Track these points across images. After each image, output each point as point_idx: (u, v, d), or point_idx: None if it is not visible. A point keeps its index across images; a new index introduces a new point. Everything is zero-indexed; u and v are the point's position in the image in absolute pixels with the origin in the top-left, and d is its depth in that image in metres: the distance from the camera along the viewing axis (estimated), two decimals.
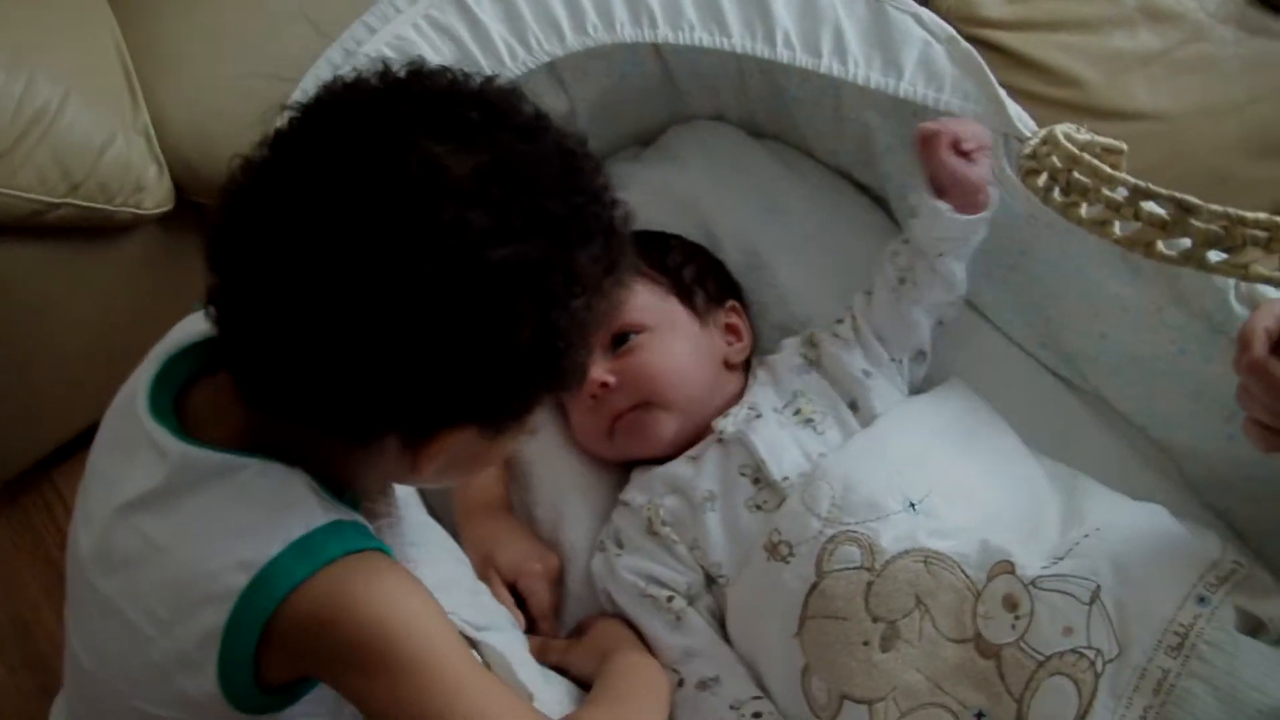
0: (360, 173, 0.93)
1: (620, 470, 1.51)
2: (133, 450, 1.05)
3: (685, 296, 1.49)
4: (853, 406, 1.43)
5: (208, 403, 1.08)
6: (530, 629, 1.39)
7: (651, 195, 1.63)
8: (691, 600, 1.39)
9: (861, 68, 1.43)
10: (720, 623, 1.40)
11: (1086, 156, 1.06)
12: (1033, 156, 1.13)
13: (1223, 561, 1.25)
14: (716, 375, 1.48)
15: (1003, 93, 1.41)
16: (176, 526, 1.02)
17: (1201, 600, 1.21)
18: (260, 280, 0.95)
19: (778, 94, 1.61)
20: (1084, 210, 1.07)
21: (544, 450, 1.51)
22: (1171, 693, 1.17)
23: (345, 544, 1.01)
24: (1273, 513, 1.39)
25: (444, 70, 1.02)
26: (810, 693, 1.29)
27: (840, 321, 1.48)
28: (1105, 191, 1.05)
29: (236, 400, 1.03)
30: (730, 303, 1.54)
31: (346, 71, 1.03)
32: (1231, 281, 1.31)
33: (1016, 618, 1.23)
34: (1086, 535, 1.27)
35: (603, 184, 1.03)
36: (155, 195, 1.81)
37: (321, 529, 1.01)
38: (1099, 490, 1.37)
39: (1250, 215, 1.01)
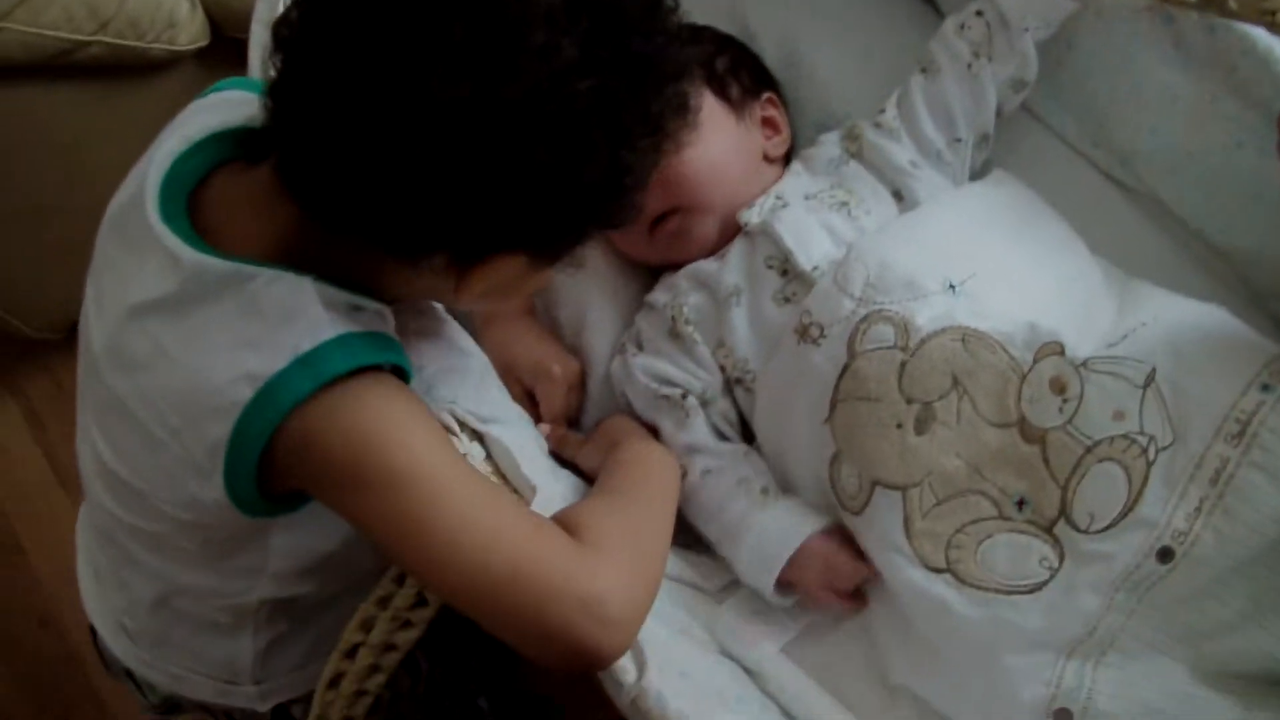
0: None
1: (648, 275, 1.42)
2: (143, 250, 1.01)
3: (719, 89, 1.39)
4: (897, 195, 1.33)
5: (223, 202, 1.03)
6: None
7: None
8: (706, 404, 1.31)
9: None
10: (739, 428, 1.32)
11: None
12: None
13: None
14: (756, 170, 1.38)
15: None
16: (187, 335, 0.99)
17: (1265, 388, 1.09)
18: (333, 71, 0.90)
19: None
20: None
21: (590, 271, 1.42)
22: (1230, 482, 1.07)
23: (351, 359, 0.97)
24: None
25: None
26: (840, 482, 1.21)
27: (883, 111, 1.37)
28: None
29: (256, 202, 1.00)
30: (767, 94, 1.44)
31: None
32: None
33: (1065, 400, 1.13)
34: (1144, 324, 1.17)
35: (682, 25, 0.99)
36: (189, 31, 1.77)
37: (327, 344, 0.97)
38: (1156, 290, 1.26)
39: None
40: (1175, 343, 1.14)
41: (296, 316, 0.97)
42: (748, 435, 1.34)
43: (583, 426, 1.39)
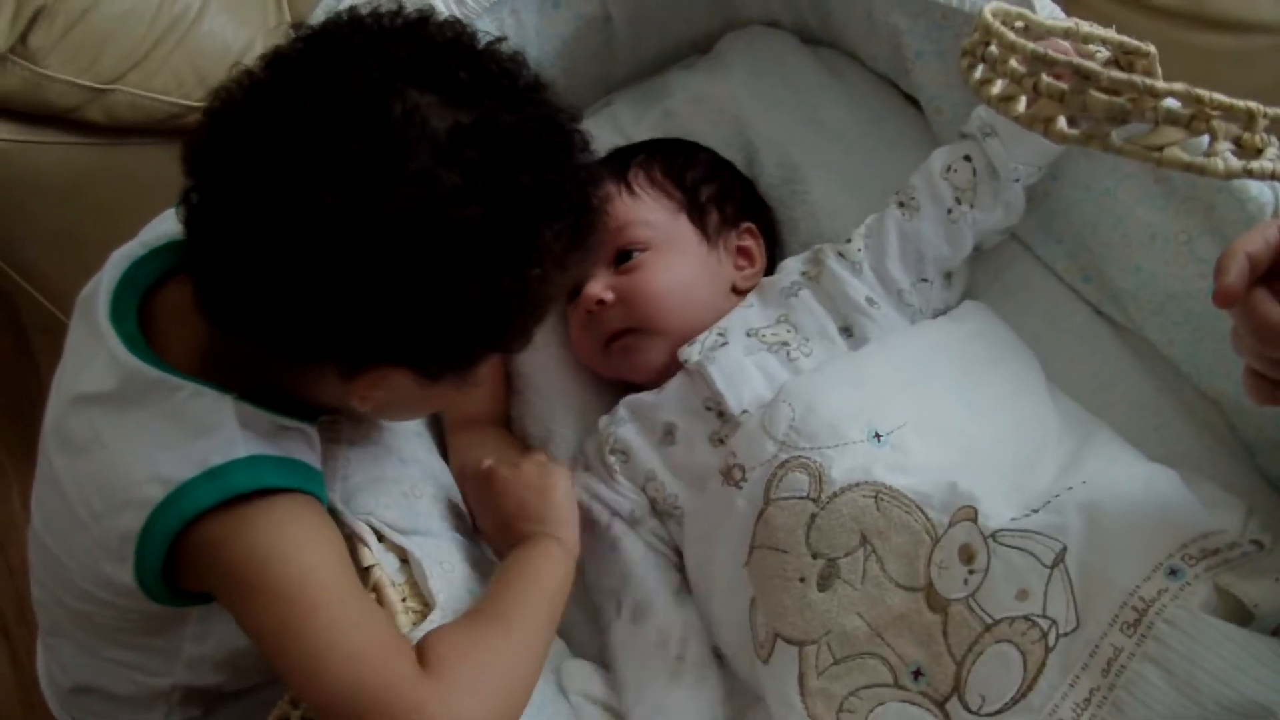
0: (344, 108, 0.91)
1: (616, 389, 1.37)
2: (95, 346, 1.04)
3: (697, 216, 1.34)
4: (846, 332, 1.26)
5: (168, 309, 1.07)
6: None
7: (692, 103, 1.50)
8: (635, 523, 1.26)
9: None
10: (672, 545, 1.27)
11: (996, 25, 0.89)
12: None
13: (1224, 535, 1.03)
14: (722, 300, 1.32)
15: None
16: (121, 430, 1.02)
17: (1173, 573, 1.00)
18: (230, 191, 0.94)
19: None
20: (996, 88, 0.90)
21: (542, 365, 1.39)
22: (1122, 674, 0.98)
23: (258, 479, 0.99)
24: None
25: (453, 24, 1.00)
26: (755, 628, 1.14)
27: (849, 241, 1.30)
28: (1012, 63, 0.88)
29: (193, 311, 1.02)
30: (746, 225, 1.38)
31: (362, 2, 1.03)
32: (1270, 207, 1.10)
33: (970, 572, 1.05)
34: (1070, 488, 1.08)
35: (584, 162, 1.01)
36: None
37: (236, 462, 0.99)
38: (1111, 443, 1.17)
39: (1163, 85, 0.81)
40: (1096, 518, 1.04)
41: (212, 432, 1.00)
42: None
43: None
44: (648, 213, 1.33)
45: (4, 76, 1.55)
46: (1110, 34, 1.12)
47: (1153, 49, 1.11)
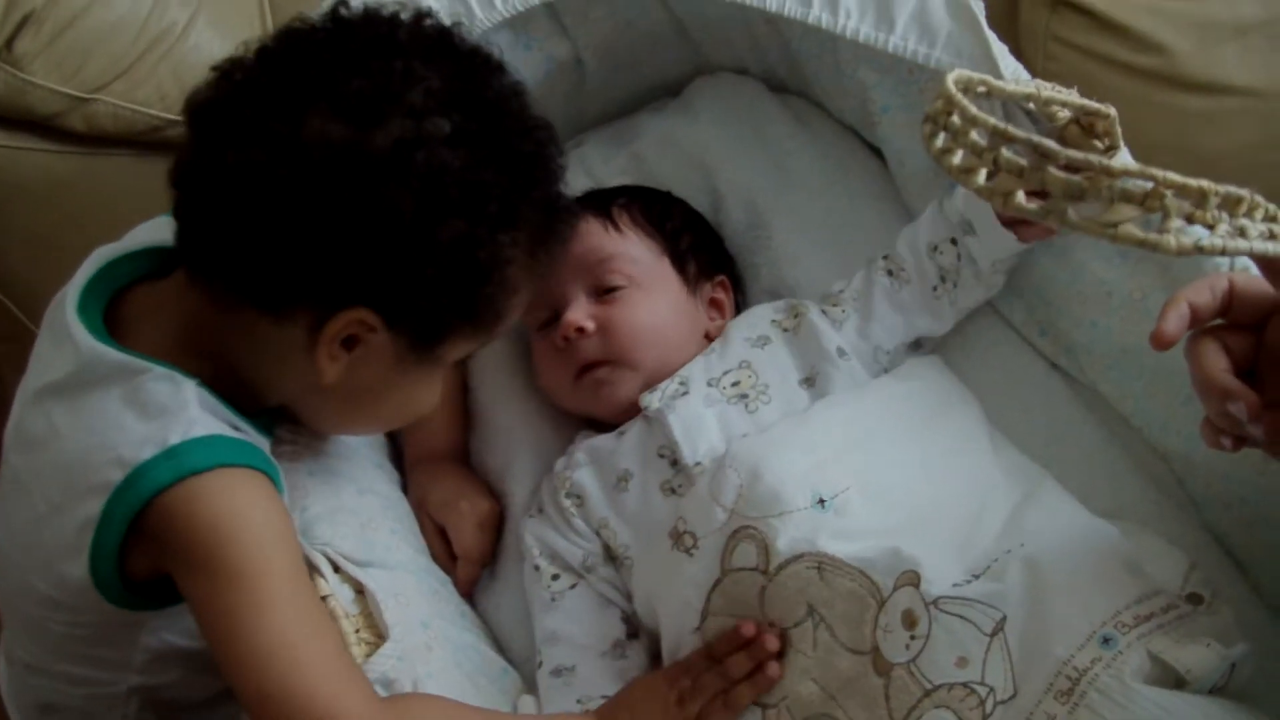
0: (350, 60, 0.99)
1: (576, 426, 1.36)
2: (59, 340, 1.06)
3: (678, 262, 1.33)
4: (808, 383, 1.25)
5: (139, 307, 1.09)
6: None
7: (660, 147, 1.49)
8: (587, 572, 1.24)
9: (853, 19, 1.24)
10: (625, 594, 1.25)
11: (958, 97, 0.88)
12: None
13: (1160, 594, 1.02)
14: (694, 346, 1.31)
15: (1000, 50, 1.18)
16: (76, 416, 1.03)
17: (1106, 641, 0.98)
18: (227, 124, 0.99)
19: (785, 46, 1.40)
20: (957, 158, 0.90)
21: (502, 397, 1.39)
22: None
23: (215, 457, 1.00)
24: (1267, 540, 1.15)
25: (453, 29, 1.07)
26: None
27: (836, 305, 1.29)
28: (973, 135, 0.87)
29: (161, 307, 1.06)
30: (720, 277, 1.37)
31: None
32: (1224, 265, 1.10)
33: (912, 637, 1.03)
34: (1009, 551, 1.06)
35: (559, 169, 1.09)
36: None
37: (195, 440, 1.00)
38: (1056, 497, 1.16)
39: (1119, 165, 0.80)
40: (1036, 579, 1.03)
41: (172, 413, 1.01)
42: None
43: (496, 573, 1.34)
44: (633, 249, 1.32)
45: None
46: (1071, 97, 1.11)
47: (1112, 111, 1.11)
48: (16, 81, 1.54)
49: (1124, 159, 1.12)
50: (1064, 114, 1.14)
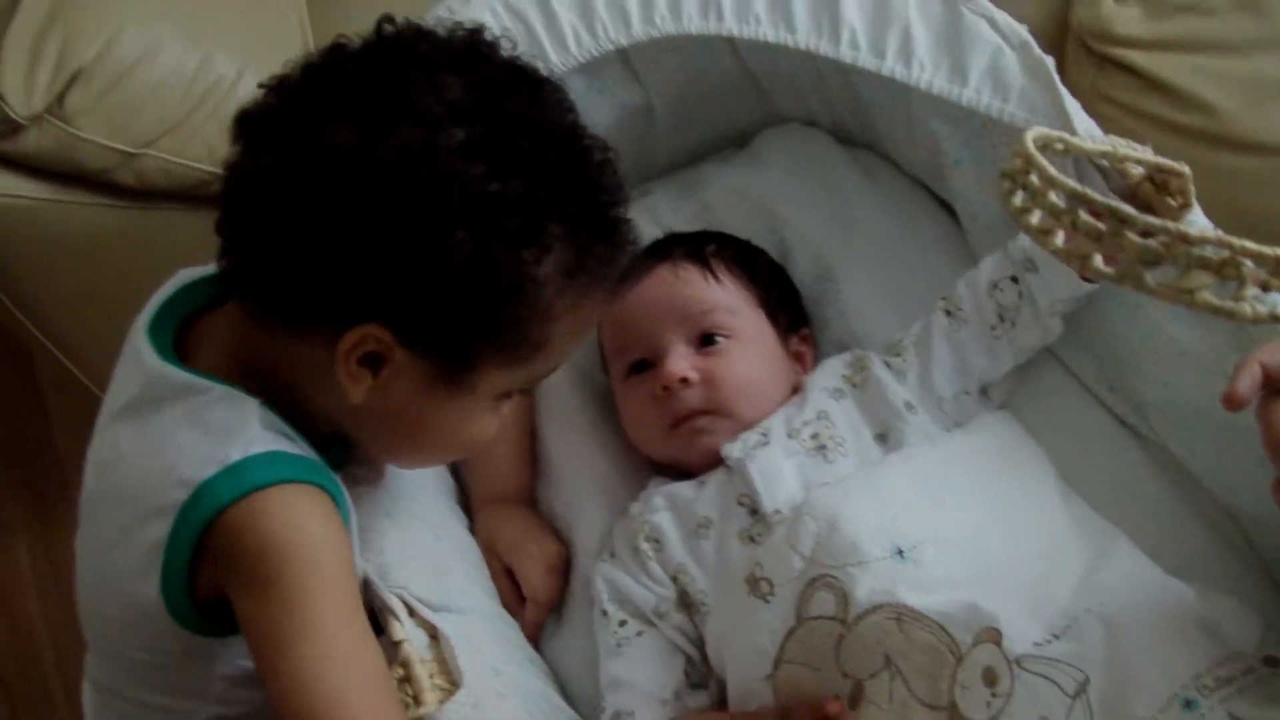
0: (376, 73, 0.97)
1: (645, 474, 1.36)
2: (129, 361, 1.06)
3: (771, 313, 1.34)
4: (881, 439, 1.25)
5: (207, 329, 1.08)
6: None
7: (728, 196, 1.50)
8: (659, 618, 1.24)
9: (926, 72, 1.25)
10: (699, 643, 1.24)
11: (1038, 157, 0.90)
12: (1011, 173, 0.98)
13: (1238, 657, 1.02)
14: (785, 397, 1.31)
15: (1074, 107, 1.19)
16: (143, 438, 1.03)
17: (1188, 704, 0.97)
18: (262, 138, 0.99)
19: (856, 98, 1.41)
20: (1035, 218, 0.91)
21: (571, 444, 1.38)
22: None
23: (277, 473, 0.99)
24: None
25: (499, 43, 1.03)
26: None
27: (898, 355, 1.29)
28: (1051, 196, 0.89)
29: (226, 328, 1.05)
30: (804, 330, 1.38)
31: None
32: None
33: (994, 695, 1.02)
34: (1088, 610, 1.06)
35: (609, 185, 1.02)
36: None
37: (257, 456, 0.99)
38: (1129, 555, 1.15)
39: (1196, 233, 0.82)
40: (1117, 640, 1.02)
41: (235, 432, 1.00)
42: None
43: (562, 617, 1.34)
44: (732, 300, 1.32)
45: (38, 136, 1.53)
46: (1145, 154, 1.12)
47: (1186, 169, 1.12)
48: (68, 137, 1.55)
49: (1197, 218, 1.14)
50: (1137, 171, 1.16)
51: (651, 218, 1.51)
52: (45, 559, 2.01)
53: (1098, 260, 0.89)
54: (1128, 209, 0.86)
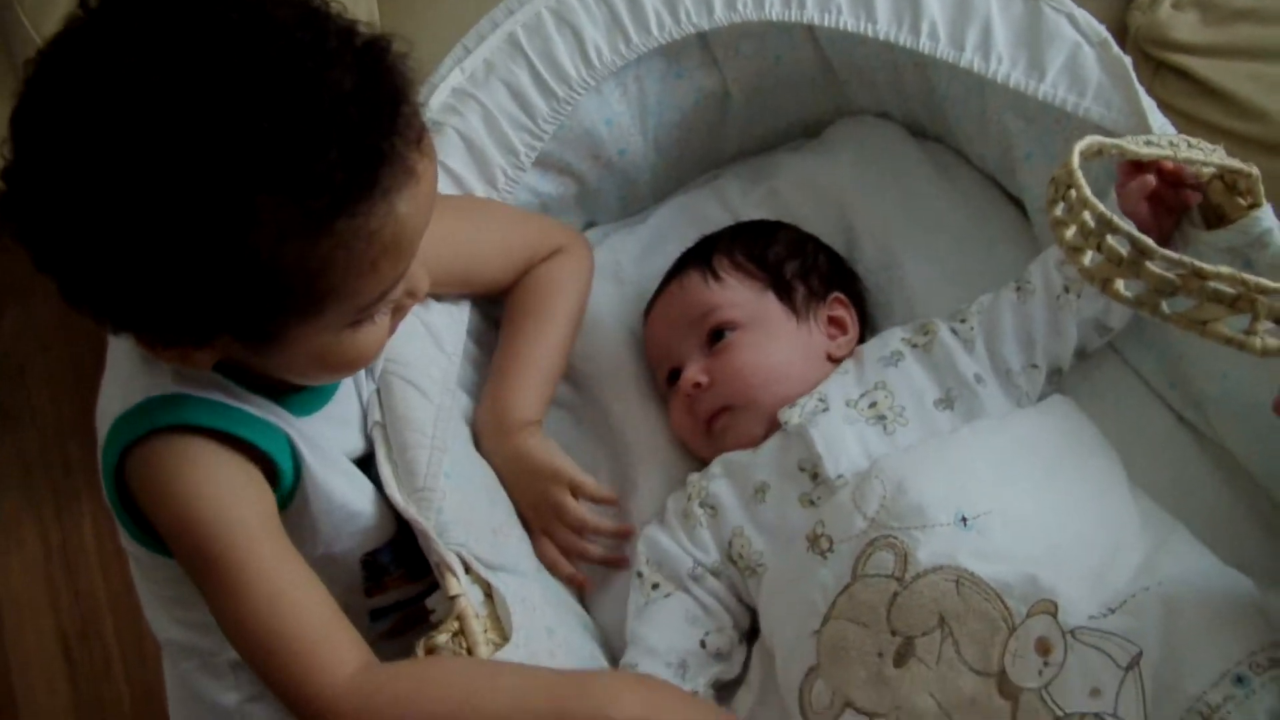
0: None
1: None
2: None
3: (784, 293, 1.35)
4: (945, 404, 1.26)
5: None
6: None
7: (798, 183, 1.51)
8: (693, 582, 1.25)
9: (1004, 65, 1.27)
10: (729, 611, 1.27)
11: (1077, 175, 0.91)
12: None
13: None
14: (817, 370, 1.32)
15: (1149, 105, 1.21)
16: (108, 374, 1.06)
17: (1240, 680, 0.98)
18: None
19: (930, 91, 1.43)
20: (1069, 233, 0.93)
21: (634, 417, 1.40)
22: None
23: (175, 416, 1.00)
24: None
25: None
26: (809, 695, 1.14)
27: (964, 321, 1.30)
28: (1085, 216, 0.90)
29: None
30: (834, 295, 1.38)
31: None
32: None
33: (1046, 664, 1.03)
34: (1147, 588, 1.06)
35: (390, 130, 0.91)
36: None
37: (161, 398, 1.00)
38: (1188, 545, 1.15)
39: (1211, 269, 0.86)
40: (1171, 621, 1.02)
41: (151, 369, 1.02)
42: (742, 618, 1.28)
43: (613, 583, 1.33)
44: (733, 294, 1.34)
45: None
46: (1212, 156, 1.13)
47: (1255, 170, 1.13)
48: None
49: (1265, 216, 1.15)
50: (1208, 170, 1.16)
51: (720, 202, 1.54)
52: (109, 530, 2.06)
53: (1119, 284, 0.92)
54: (1148, 241, 0.89)
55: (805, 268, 1.38)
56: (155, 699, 1.84)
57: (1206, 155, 1.14)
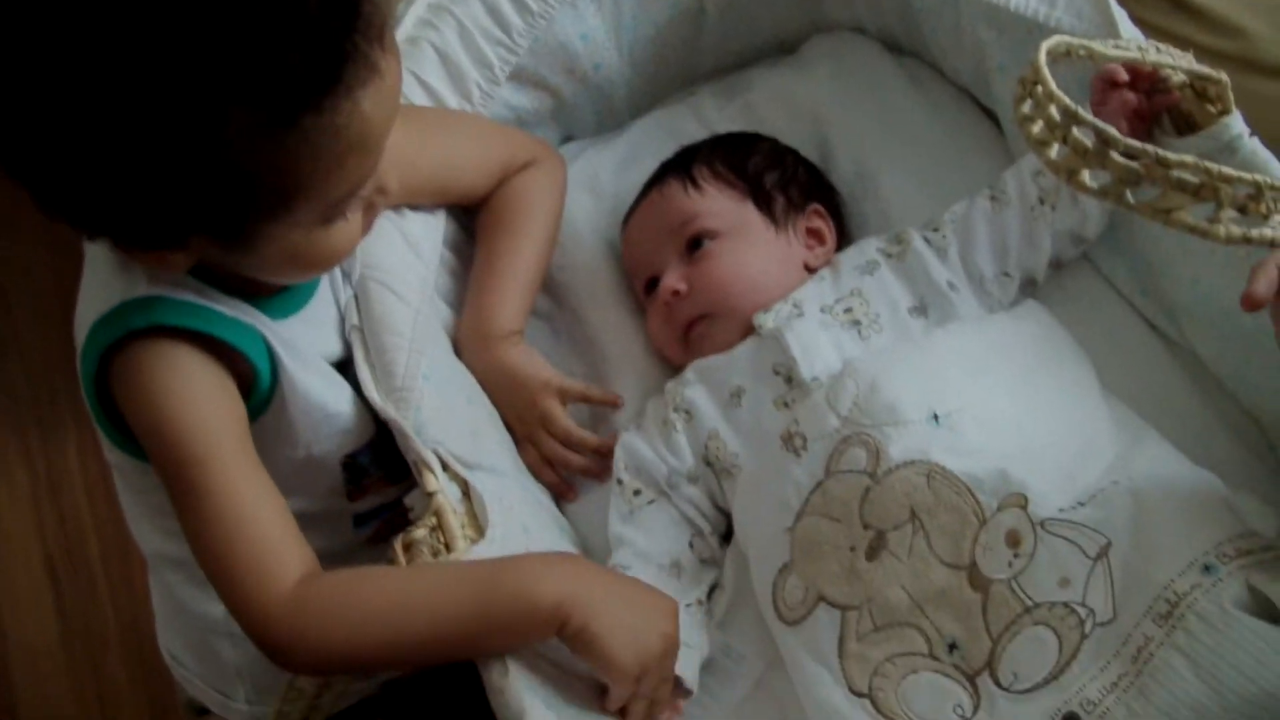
0: None
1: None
2: None
3: (763, 202, 1.36)
4: (919, 311, 1.27)
5: None
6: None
7: (773, 98, 1.52)
8: (670, 489, 1.27)
9: None
10: (707, 518, 1.28)
11: (1043, 70, 0.92)
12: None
13: (1260, 538, 1.03)
14: (794, 279, 1.33)
15: (1120, 15, 1.21)
16: (86, 278, 1.07)
17: (1207, 569, 1.00)
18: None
19: (905, 5, 1.43)
20: (1037, 128, 0.94)
21: (611, 327, 1.42)
22: (1149, 662, 0.98)
23: (149, 318, 1.00)
24: None
25: None
26: (782, 591, 1.15)
27: (937, 230, 1.31)
28: (1051, 110, 0.90)
29: None
30: (813, 206, 1.39)
31: None
32: None
33: (1015, 555, 1.05)
34: (1117, 482, 1.08)
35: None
36: None
37: (134, 301, 1.01)
38: (1160, 447, 1.16)
39: (1174, 157, 0.86)
40: (1140, 514, 1.05)
41: (124, 272, 1.02)
42: (719, 524, 1.29)
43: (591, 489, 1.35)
44: (713, 203, 1.35)
45: None
46: (1180, 61, 1.14)
47: (1224, 77, 1.13)
48: None
49: (1235, 123, 1.15)
50: (1179, 78, 1.17)
51: (695, 116, 1.54)
52: (94, 457, 2.09)
53: (1085, 175, 0.93)
54: (1111, 130, 0.90)
55: (785, 179, 1.39)
56: (141, 623, 1.87)
57: (1175, 60, 1.14)
